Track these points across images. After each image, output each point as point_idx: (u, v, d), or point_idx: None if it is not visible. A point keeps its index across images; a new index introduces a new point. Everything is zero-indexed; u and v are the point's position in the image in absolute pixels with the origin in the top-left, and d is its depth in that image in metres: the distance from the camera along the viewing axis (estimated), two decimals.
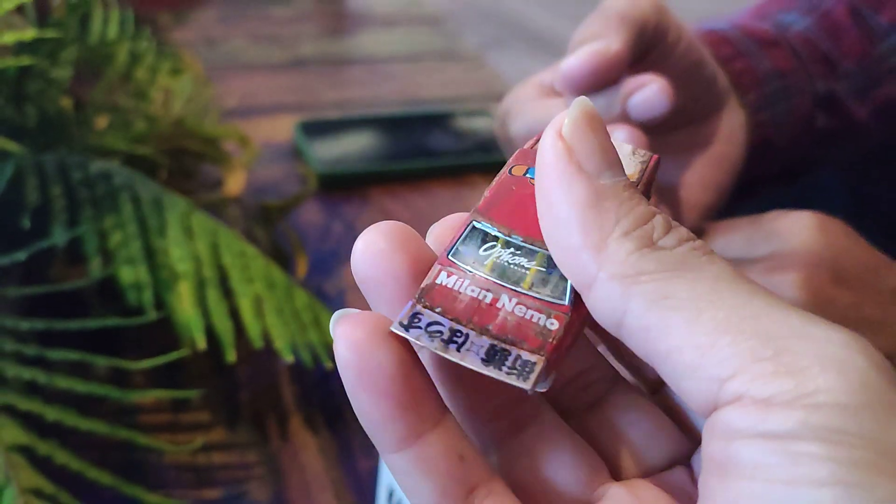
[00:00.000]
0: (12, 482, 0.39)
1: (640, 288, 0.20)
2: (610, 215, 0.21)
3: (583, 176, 0.21)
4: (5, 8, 0.49)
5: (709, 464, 0.19)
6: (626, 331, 0.20)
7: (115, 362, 0.44)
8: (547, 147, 0.22)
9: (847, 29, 0.55)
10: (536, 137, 0.24)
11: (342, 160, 0.74)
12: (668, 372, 0.20)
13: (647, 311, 0.20)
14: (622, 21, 0.41)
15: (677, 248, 0.21)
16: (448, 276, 0.22)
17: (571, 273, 0.21)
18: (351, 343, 0.21)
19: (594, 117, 0.22)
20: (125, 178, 0.51)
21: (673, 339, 0.19)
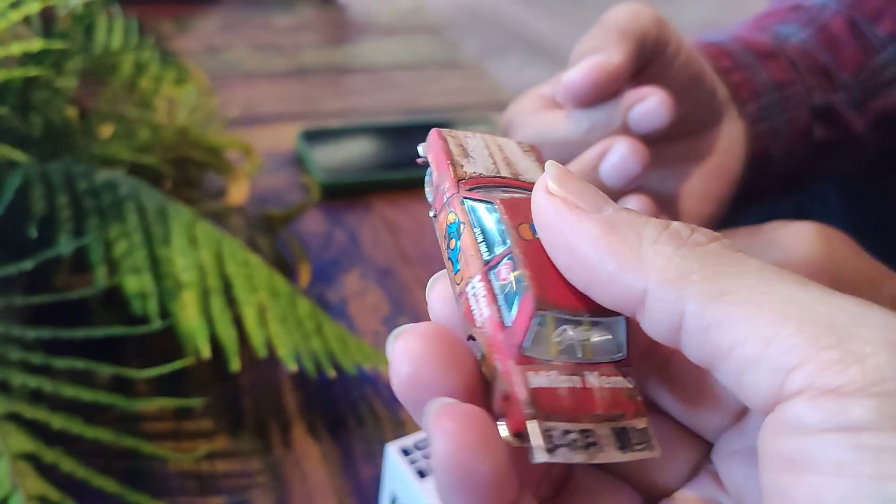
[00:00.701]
0: (19, 489, 0.40)
1: (693, 288, 0.20)
2: (631, 233, 0.21)
3: (589, 215, 0.22)
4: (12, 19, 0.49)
5: (776, 460, 0.19)
6: (685, 334, 0.20)
7: (121, 371, 0.45)
8: (545, 206, 0.22)
9: (845, 41, 0.56)
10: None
11: (344, 169, 0.75)
12: (730, 368, 0.20)
13: (705, 310, 0.20)
14: (623, 34, 0.42)
15: (711, 243, 0.21)
16: (536, 375, 0.22)
17: (621, 301, 0.21)
18: (456, 446, 0.20)
19: (569, 171, 0.23)
20: (130, 188, 0.51)
21: (735, 334, 0.19)
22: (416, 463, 0.42)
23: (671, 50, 0.44)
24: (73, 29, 0.57)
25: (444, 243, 0.24)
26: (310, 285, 0.61)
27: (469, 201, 0.24)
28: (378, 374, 0.55)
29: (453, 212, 0.24)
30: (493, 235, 0.23)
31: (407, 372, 0.21)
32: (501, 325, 0.22)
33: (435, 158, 0.25)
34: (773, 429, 0.19)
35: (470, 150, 0.25)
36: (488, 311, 0.22)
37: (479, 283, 0.23)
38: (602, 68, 0.40)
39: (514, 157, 0.26)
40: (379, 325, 0.59)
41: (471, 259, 0.23)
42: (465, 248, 0.24)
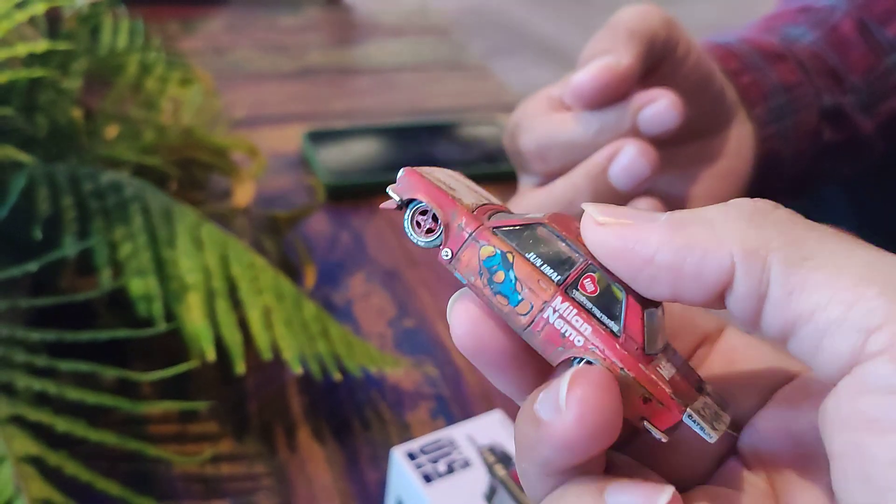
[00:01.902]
0: (23, 493, 0.40)
1: (776, 255, 0.21)
2: (699, 222, 0.22)
3: (650, 224, 0.22)
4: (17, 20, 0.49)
5: (854, 420, 0.19)
6: (768, 303, 0.21)
7: (125, 373, 0.44)
8: (604, 237, 0.23)
9: (854, 43, 0.55)
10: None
11: (349, 170, 0.74)
12: (810, 333, 0.20)
13: (789, 275, 0.20)
14: (632, 35, 0.41)
15: (776, 211, 0.22)
16: (661, 370, 0.23)
17: (712, 288, 0.21)
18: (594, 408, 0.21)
19: (605, 204, 0.23)
20: (135, 189, 0.51)
21: (817, 297, 0.20)
22: (422, 467, 0.42)
23: (681, 51, 0.44)
24: (78, 30, 0.57)
25: (482, 279, 0.23)
26: (315, 287, 0.60)
27: (502, 230, 0.24)
28: (384, 377, 0.55)
29: (487, 245, 0.23)
30: (556, 255, 0.23)
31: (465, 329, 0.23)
32: (612, 335, 0.22)
33: (429, 197, 0.24)
34: (851, 390, 0.19)
35: (447, 182, 0.25)
36: (589, 326, 0.22)
37: (562, 304, 0.23)
38: (611, 70, 0.40)
39: (469, 183, 0.26)
40: (384, 328, 0.59)
41: (538, 284, 0.23)
42: (527, 276, 0.23)
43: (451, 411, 0.53)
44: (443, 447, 0.43)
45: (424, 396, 0.54)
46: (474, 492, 0.41)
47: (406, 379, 0.55)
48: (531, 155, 0.43)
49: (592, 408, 0.20)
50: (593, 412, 0.20)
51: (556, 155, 0.43)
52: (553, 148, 0.42)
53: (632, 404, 0.22)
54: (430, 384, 0.55)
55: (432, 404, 0.53)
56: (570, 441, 0.21)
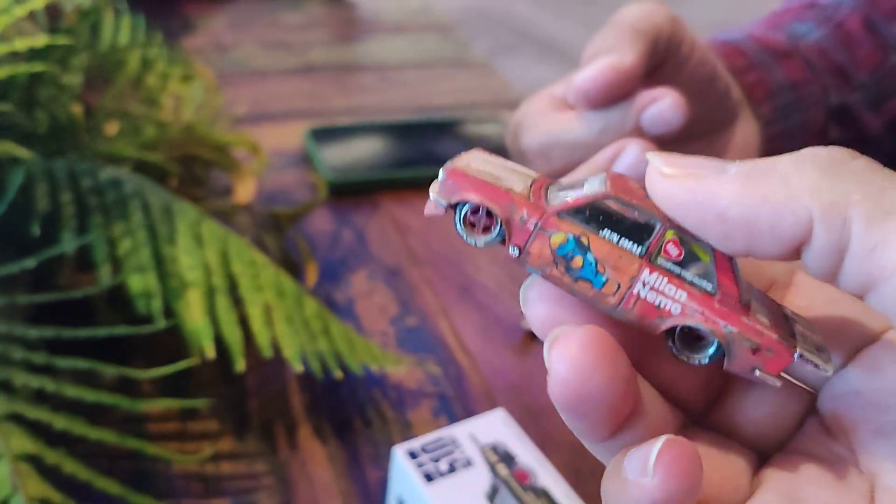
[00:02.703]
0: (20, 491, 0.39)
1: (857, 209, 0.20)
2: (773, 174, 0.21)
3: (719, 177, 0.21)
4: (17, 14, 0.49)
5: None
6: (848, 258, 0.20)
7: (125, 371, 0.44)
8: (672, 190, 0.22)
9: (861, 40, 0.55)
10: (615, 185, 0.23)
11: (352, 167, 0.74)
12: (893, 289, 0.20)
13: (871, 230, 0.20)
14: (636, 34, 0.41)
15: (854, 160, 0.21)
16: (760, 315, 0.23)
17: (788, 243, 0.21)
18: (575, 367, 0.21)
19: (670, 153, 0.23)
20: (135, 186, 0.51)
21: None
22: (424, 466, 0.42)
23: (685, 49, 0.44)
24: (79, 25, 0.57)
25: (559, 268, 0.23)
26: (317, 285, 0.60)
27: (568, 212, 0.22)
28: (385, 375, 0.54)
29: (559, 232, 0.22)
30: (631, 226, 0.22)
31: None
32: (708, 295, 0.22)
33: (481, 195, 0.23)
34: None
35: (490, 171, 0.24)
36: (683, 292, 0.22)
37: (651, 275, 0.22)
38: (614, 69, 0.40)
39: (504, 162, 0.25)
40: (387, 326, 0.59)
41: (621, 261, 0.22)
42: (607, 255, 0.22)
43: (453, 410, 0.52)
44: (445, 446, 0.43)
45: (426, 395, 0.53)
46: (476, 491, 0.41)
47: (408, 377, 0.54)
48: (534, 154, 0.43)
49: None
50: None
51: (559, 154, 0.42)
52: (556, 147, 0.42)
53: (741, 358, 0.22)
54: (433, 382, 0.54)
55: (434, 403, 0.53)
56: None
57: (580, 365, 0.21)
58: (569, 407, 0.21)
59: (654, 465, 0.20)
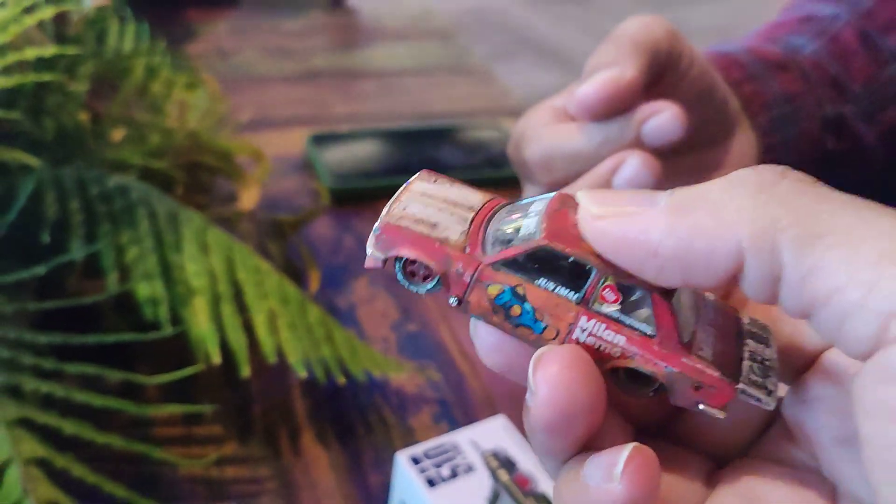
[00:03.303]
0: (30, 495, 0.40)
1: (786, 235, 0.19)
2: (701, 203, 0.21)
3: (649, 212, 0.21)
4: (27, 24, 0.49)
5: (878, 409, 0.18)
6: (784, 285, 0.20)
7: (131, 376, 0.45)
8: (603, 231, 0.22)
9: (856, 52, 0.56)
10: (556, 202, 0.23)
11: (353, 174, 0.75)
12: (829, 316, 0.19)
13: (803, 257, 0.19)
14: (636, 47, 0.42)
15: (782, 181, 0.20)
16: (702, 352, 0.23)
17: (723, 273, 0.20)
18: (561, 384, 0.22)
19: (599, 189, 0.23)
20: (142, 193, 0.51)
21: (835, 279, 0.19)
22: (426, 472, 0.42)
23: (684, 62, 0.45)
24: (85, 33, 0.57)
25: (500, 316, 0.23)
26: (319, 291, 0.61)
27: (503, 263, 0.22)
28: (387, 381, 0.55)
29: (494, 284, 0.22)
30: (566, 273, 0.22)
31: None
32: (647, 338, 0.22)
33: (414, 250, 0.23)
34: (873, 377, 0.19)
35: (425, 217, 0.24)
36: (622, 336, 0.22)
37: (589, 321, 0.22)
38: (615, 82, 0.40)
39: (451, 197, 0.25)
40: (388, 332, 0.59)
41: (558, 309, 0.22)
42: (544, 304, 0.22)
43: (454, 416, 0.53)
44: (446, 452, 0.44)
45: (428, 400, 0.54)
46: (478, 496, 0.42)
47: (409, 383, 0.55)
48: (536, 165, 0.44)
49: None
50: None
51: (560, 165, 0.43)
52: (557, 158, 0.43)
53: (685, 395, 0.23)
54: (434, 388, 0.55)
55: (435, 408, 0.54)
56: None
57: (567, 383, 0.21)
58: (554, 426, 0.22)
59: (621, 472, 0.21)
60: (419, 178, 0.25)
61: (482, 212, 0.24)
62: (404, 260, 0.23)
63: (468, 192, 0.25)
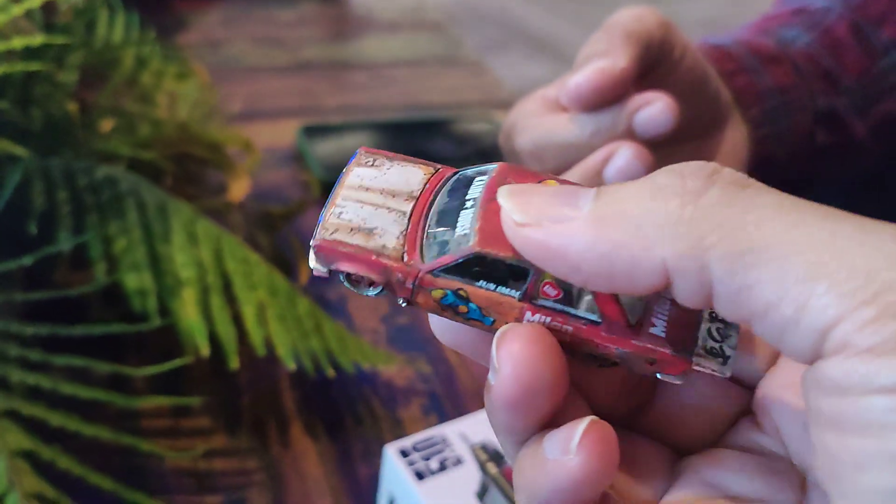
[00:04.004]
0: (16, 487, 0.40)
1: (713, 253, 0.19)
2: (622, 217, 0.20)
3: (572, 223, 0.21)
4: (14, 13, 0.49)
5: (820, 419, 0.19)
6: (717, 300, 0.20)
7: (119, 368, 0.45)
8: (525, 241, 0.21)
9: (848, 45, 0.56)
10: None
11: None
12: (767, 328, 0.19)
13: (732, 275, 0.19)
14: (628, 38, 0.41)
15: (711, 189, 0.20)
16: (654, 328, 0.23)
17: (650, 286, 0.20)
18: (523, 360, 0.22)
19: (519, 187, 0.22)
20: (130, 184, 0.51)
21: (767, 296, 0.18)
22: (415, 465, 0.42)
23: (676, 54, 0.44)
24: (74, 23, 0.57)
25: (449, 313, 0.23)
26: (309, 283, 0.60)
27: (441, 270, 0.22)
28: (376, 373, 0.55)
29: (435, 289, 0.23)
30: (503, 274, 0.22)
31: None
32: (593, 324, 0.22)
33: (352, 266, 0.23)
34: (813, 387, 0.19)
35: (360, 223, 0.23)
36: (569, 326, 0.22)
37: (534, 315, 0.22)
38: (607, 73, 0.40)
39: (390, 183, 0.24)
40: (378, 324, 0.59)
41: (502, 306, 0.22)
42: (486, 303, 0.23)
43: (443, 408, 0.53)
44: (435, 444, 0.43)
45: (417, 393, 0.54)
46: (466, 489, 0.42)
47: (399, 375, 0.55)
48: (527, 155, 0.44)
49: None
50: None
51: (551, 155, 0.43)
52: (549, 148, 0.43)
53: (641, 368, 0.23)
54: (423, 381, 0.55)
55: (425, 401, 0.53)
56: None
57: (531, 360, 0.21)
58: (518, 402, 0.22)
59: (577, 445, 0.21)
60: (356, 163, 0.25)
61: (422, 199, 0.24)
62: (346, 273, 0.23)
63: (409, 169, 0.25)
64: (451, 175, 0.25)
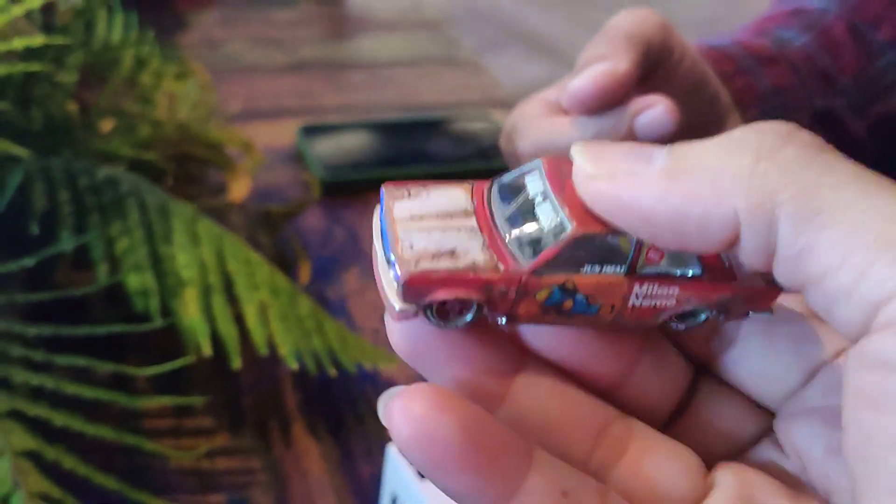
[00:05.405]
0: (20, 487, 0.40)
1: (785, 209, 0.18)
2: (697, 170, 0.19)
3: (644, 176, 0.20)
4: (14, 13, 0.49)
5: (858, 397, 0.18)
6: (778, 260, 0.19)
7: (122, 368, 0.45)
8: (596, 193, 0.21)
9: (846, 45, 0.56)
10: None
11: (343, 165, 0.75)
12: (820, 297, 0.19)
13: (799, 233, 0.18)
14: (629, 41, 0.42)
15: (787, 148, 0.19)
16: (744, 272, 0.23)
17: (718, 242, 0.20)
18: (410, 420, 0.19)
19: (594, 142, 0.22)
20: (132, 184, 0.51)
21: (828, 259, 0.18)
22: None
23: (676, 55, 0.45)
24: (73, 23, 0.57)
25: (551, 316, 0.22)
26: (310, 283, 0.61)
27: (546, 266, 0.21)
28: (378, 372, 0.55)
29: (540, 290, 0.22)
30: (607, 253, 0.22)
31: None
32: (697, 279, 0.22)
33: (453, 290, 0.21)
34: (856, 363, 0.18)
35: (438, 248, 0.22)
36: (676, 287, 0.22)
37: (641, 287, 0.22)
38: (609, 76, 0.40)
39: (439, 206, 0.23)
40: (379, 323, 0.59)
41: (611, 286, 0.22)
42: (594, 290, 0.22)
43: None
44: None
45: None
46: None
47: (400, 374, 0.55)
48: (528, 158, 0.44)
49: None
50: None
51: None
52: (550, 151, 0.43)
53: (736, 312, 0.23)
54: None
55: None
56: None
57: (417, 415, 0.20)
58: (426, 462, 0.20)
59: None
60: (391, 198, 0.23)
61: (479, 213, 0.23)
62: (436, 307, 0.22)
63: (447, 190, 0.24)
64: (489, 185, 0.24)
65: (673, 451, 0.24)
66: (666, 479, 0.23)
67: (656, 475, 0.23)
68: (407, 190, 0.23)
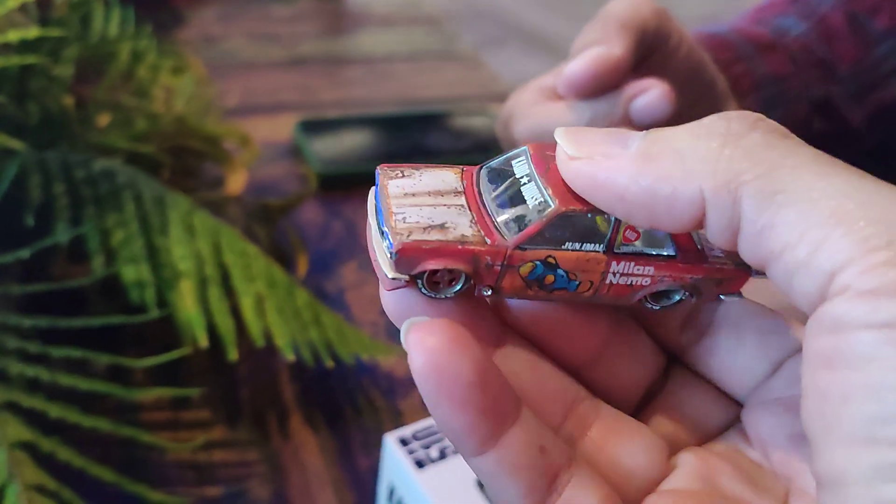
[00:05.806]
0: (16, 479, 0.40)
1: (747, 189, 0.20)
2: (669, 152, 0.21)
3: (620, 158, 0.21)
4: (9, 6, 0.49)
5: (814, 359, 0.19)
6: (742, 237, 0.20)
7: (118, 360, 0.45)
8: (576, 173, 0.22)
9: (843, 34, 0.56)
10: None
11: (341, 159, 0.75)
12: (780, 271, 0.20)
13: (760, 211, 0.20)
14: (623, 26, 0.42)
15: (752, 133, 0.20)
16: (715, 250, 0.24)
17: (687, 220, 0.21)
18: (427, 351, 0.20)
19: (576, 128, 0.23)
20: (128, 177, 0.51)
21: (787, 236, 0.19)
22: (415, 453, 0.42)
23: (672, 42, 0.44)
24: (69, 16, 0.57)
25: (534, 289, 0.23)
26: (307, 276, 0.61)
27: (529, 241, 0.23)
28: (376, 364, 0.55)
29: (524, 263, 0.23)
30: (587, 230, 0.23)
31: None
32: (671, 259, 0.24)
33: (442, 259, 0.22)
34: (812, 329, 0.19)
35: (430, 222, 0.23)
36: (651, 266, 0.24)
37: (619, 265, 0.23)
38: (603, 60, 0.40)
39: (431, 186, 0.24)
40: (377, 316, 0.59)
41: (589, 264, 0.23)
42: (574, 265, 0.23)
43: None
44: (435, 433, 0.43)
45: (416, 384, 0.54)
46: (466, 477, 0.42)
47: (398, 366, 0.55)
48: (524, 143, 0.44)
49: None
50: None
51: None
52: (545, 136, 0.43)
53: (708, 293, 0.24)
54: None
55: None
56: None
57: (434, 347, 0.21)
58: (434, 392, 0.21)
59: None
60: (385, 178, 0.24)
61: (468, 193, 0.24)
62: (427, 276, 0.23)
63: (439, 172, 0.25)
64: (478, 170, 0.25)
65: (636, 432, 0.25)
66: (629, 457, 0.24)
67: (619, 451, 0.24)
68: (401, 171, 0.25)
